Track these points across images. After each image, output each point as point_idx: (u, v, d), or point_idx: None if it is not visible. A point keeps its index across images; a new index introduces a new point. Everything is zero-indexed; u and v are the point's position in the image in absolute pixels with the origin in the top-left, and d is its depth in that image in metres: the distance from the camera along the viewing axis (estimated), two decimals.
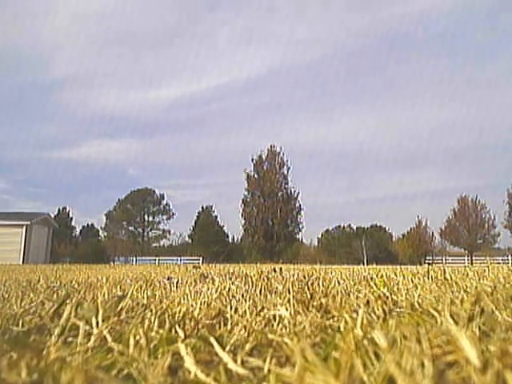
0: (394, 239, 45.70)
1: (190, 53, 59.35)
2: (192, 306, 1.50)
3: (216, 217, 46.67)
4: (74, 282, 3.37)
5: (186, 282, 3.01)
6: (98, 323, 1.12)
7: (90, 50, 58.85)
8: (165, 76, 67.16)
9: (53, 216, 35.01)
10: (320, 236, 49.20)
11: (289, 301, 1.54)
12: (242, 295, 1.90)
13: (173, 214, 53.01)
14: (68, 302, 1.46)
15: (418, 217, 42.66)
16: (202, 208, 47.12)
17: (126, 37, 60.82)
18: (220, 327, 1.17)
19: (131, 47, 59.98)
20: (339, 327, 1.08)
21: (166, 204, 53.20)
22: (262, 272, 4.07)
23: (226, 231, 46.46)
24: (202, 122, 63.84)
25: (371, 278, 3.07)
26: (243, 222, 41.57)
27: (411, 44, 57.86)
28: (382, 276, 3.18)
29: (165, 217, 53.07)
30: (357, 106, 60.67)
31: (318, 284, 2.51)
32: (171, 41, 62.31)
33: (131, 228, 52.00)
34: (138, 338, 0.95)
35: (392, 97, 58.50)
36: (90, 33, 59.72)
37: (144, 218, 52.53)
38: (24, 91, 58.32)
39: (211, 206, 47.04)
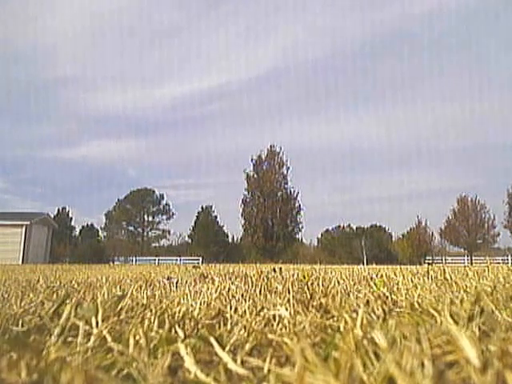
0: (393, 239, 45.68)
1: (189, 52, 59.39)
2: (192, 306, 1.50)
3: (216, 217, 46.68)
4: (73, 282, 3.36)
5: (186, 282, 3.01)
6: (97, 323, 1.12)
7: (90, 50, 58.86)
8: (164, 76, 67.13)
9: (52, 216, 35.03)
10: (320, 236, 49.20)
11: (289, 301, 1.54)
12: (242, 295, 1.90)
13: (173, 214, 53.08)
14: (68, 301, 1.46)
15: (417, 217, 42.71)
16: (202, 208, 47.13)
17: (126, 36, 60.80)
18: (220, 327, 1.17)
19: (131, 46, 59.98)
20: (339, 327, 1.08)
21: (166, 204, 53.27)
22: (261, 272, 4.07)
23: (225, 231, 46.49)
24: (202, 122, 63.78)
25: (371, 278, 3.07)
26: (243, 222, 41.62)
27: (412, 44, 57.88)
28: (381, 276, 3.18)
29: (164, 217, 53.13)
30: (357, 106, 60.71)
31: (318, 284, 2.51)
32: (171, 40, 62.31)
33: (131, 228, 52.03)
34: (137, 338, 0.95)
35: (392, 96, 58.49)
36: (90, 32, 59.70)
37: (144, 218, 52.54)
38: (24, 91, 58.28)
39: (211, 206, 47.06)
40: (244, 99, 63.75)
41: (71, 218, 49.44)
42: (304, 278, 3.10)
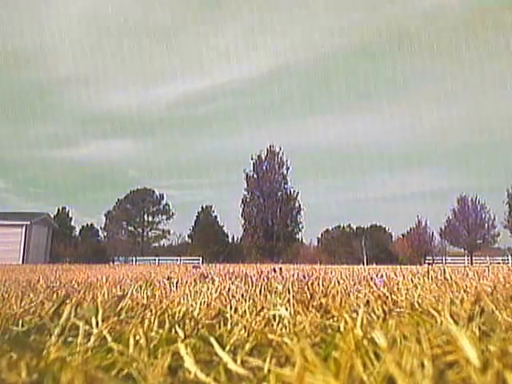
0: (393, 239, 45.71)
1: (190, 52, 59.40)
2: (192, 306, 1.50)
3: (216, 217, 46.70)
4: (73, 282, 3.37)
5: (186, 282, 3.01)
6: (97, 323, 1.12)
7: (90, 50, 58.87)
8: (165, 75, 67.11)
9: (52, 216, 35.03)
10: (320, 236, 49.21)
11: (289, 301, 1.54)
12: (242, 295, 1.90)
13: (172, 214, 53.07)
14: (68, 301, 1.46)
15: (417, 217, 42.73)
16: (202, 208, 47.15)
17: (126, 36, 60.86)
18: (220, 327, 1.17)
19: (131, 46, 59.96)
20: (339, 327, 1.08)
21: (166, 204, 53.26)
22: (261, 272, 4.07)
23: (225, 231, 46.51)
24: (202, 122, 63.81)
25: (371, 278, 3.07)
26: (243, 222, 41.63)
27: (412, 43, 57.90)
28: (381, 276, 3.18)
29: (164, 217, 53.11)
30: (357, 106, 60.72)
31: (318, 284, 2.51)
32: (171, 40, 62.27)
33: (131, 228, 52.01)
34: (137, 338, 0.95)
35: (392, 96, 58.52)
36: (91, 32, 59.74)
37: (144, 218, 52.55)
38: (24, 91, 58.33)
39: (211, 206, 47.08)
40: (244, 99, 63.81)
41: (71, 218, 49.49)
42: (304, 277, 3.10)
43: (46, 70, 59.69)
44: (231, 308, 1.43)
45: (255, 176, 42.04)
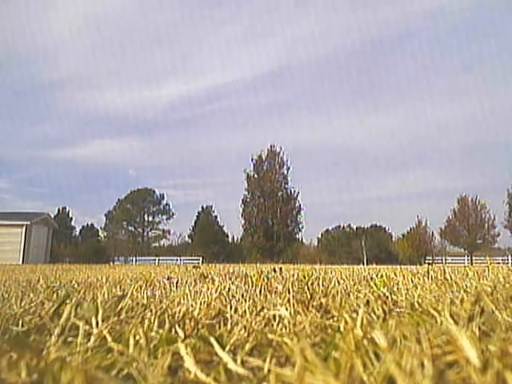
0: (393, 239, 45.66)
1: (190, 52, 59.44)
2: (192, 306, 1.50)
3: (216, 217, 46.69)
4: (73, 282, 3.36)
5: (186, 282, 3.01)
6: (97, 323, 1.12)
7: (90, 50, 58.91)
8: (165, 75, 67.15)
9: (53, 216, 35.00)
10: (320, 236, 49.18)
11: (289, 301, 1.54)
12: (242, 295, 1.90)
13: (173, 214, 53.11)
14: (68, 301, 1.46)
15: (417, 217, 42.70)
16: (202, 208, 47.14)
17: (127, 36, 60.90)
18: (220, 327, 1.17)
19: (131, 46, 59.94)
20: (339, 327, 1.08)
21: (166, 204, 53.32)
22: (261, 272, 4.07)
23: (226, 231, 46.48)
24: (202, 122, 63.87)
25: (371, 278, 3.07)
26: (243, 221, 41.60)
27: (412, 44, 57.93)
28: (381, 276, 3.18)
29: (165, 217, 53.16)
30: (357, 106, 60.74)
31: (318, 284, 2.51)
32: (171, 39, 62.23)
33: (131, 228, 52.04)
34: (137, 338, 0.95)
35: (392, 97, 58.54)
36: (90, 33, 59.76)
37: (144, 218, 52.56)
38: (24, 91, 58.37)
39: (211, 206, 47.07)
40: (244, 99, 63.82)
41: (71, 218, 49.50)
42: (304, 278, 3.11)
43: (47, 70, 59.71)
44: (231, 308, 1.43)
45: (256, 176, 42.01)
